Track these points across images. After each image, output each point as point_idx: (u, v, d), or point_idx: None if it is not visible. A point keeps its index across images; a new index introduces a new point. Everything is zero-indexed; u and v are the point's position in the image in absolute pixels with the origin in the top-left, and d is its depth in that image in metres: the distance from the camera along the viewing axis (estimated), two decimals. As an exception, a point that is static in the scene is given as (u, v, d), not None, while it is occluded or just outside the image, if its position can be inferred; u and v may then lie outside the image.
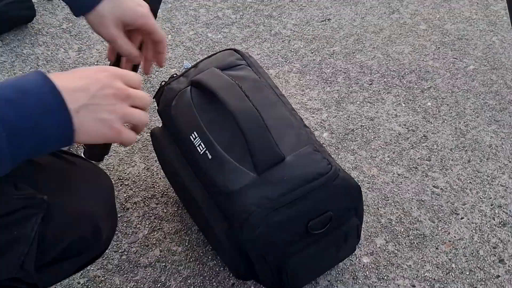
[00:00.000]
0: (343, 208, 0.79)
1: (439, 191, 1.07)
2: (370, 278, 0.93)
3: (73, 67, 1.27)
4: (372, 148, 1.15)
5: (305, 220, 0.75)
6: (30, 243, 0.56)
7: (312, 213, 0.76)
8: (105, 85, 0.52)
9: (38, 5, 1.42)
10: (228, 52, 0.90)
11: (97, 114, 0.51)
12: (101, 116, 0.51)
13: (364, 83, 1.30)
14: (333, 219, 0.77)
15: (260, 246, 0.75)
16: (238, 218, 0.73)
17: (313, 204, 0.75)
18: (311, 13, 1.51)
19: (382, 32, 1.46)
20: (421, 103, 1.26)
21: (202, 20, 1.46)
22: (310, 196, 0.74)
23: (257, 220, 0.72)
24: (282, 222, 0.73)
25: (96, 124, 0.51)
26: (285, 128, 0.79)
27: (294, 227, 0.75)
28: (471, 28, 1.49)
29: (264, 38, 1.41)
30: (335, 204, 0.77)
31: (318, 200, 0.75)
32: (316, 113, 1.22)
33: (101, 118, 0.51)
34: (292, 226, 0.75)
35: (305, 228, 0.76)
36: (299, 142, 0.78)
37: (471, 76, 1.34)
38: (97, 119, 0.51)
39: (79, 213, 0.62)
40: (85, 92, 0.50)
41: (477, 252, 0.97)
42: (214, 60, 0.88)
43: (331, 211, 0.77)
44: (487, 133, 1.19)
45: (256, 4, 1.53)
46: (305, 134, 0.79)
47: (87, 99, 0.50)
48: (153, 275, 0.91)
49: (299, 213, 0.74)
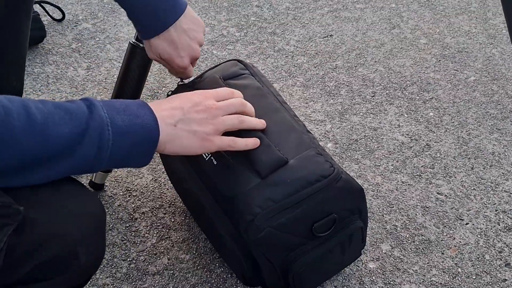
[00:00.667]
0: (347, 210, 0.80)
1: (444, 197, 1.08)
2: (376, 284, 0.93)
3: (82, 84, 1.31)
4: (376, 157, 1.16)
5: (309, 222, 0.77)
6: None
7: (316, 215, 0.77)
8: (197, 103, 0.66)
9: (48, 26, 1.47)
10: (231, 62, 0.93)
11: (191, 126, 0.64)
12: (195, 129, 0.64)
13: (367, 95, 1.33)
14: (337, 221, 0.78)
15: (266, 248, 0.76)
16: (244, 221, 0.75)
17: (317, 206, 0.76)
18: (314, 30, 1.55)
19: (383, 47, 1.49)
20: (423, 114, 1.28)
21: (207, 38, 1.49)
22: (314, 198, 0.75)
23: (262, 222, 0.73)
24: (287, 224, 0.75)
25: (190, 137, 0.63)
26: (288, 132, 0.81)
27: (299, 229, 0.77)
28: (471, 41, 1.52)
29: (268, 54, 1.45)
30: (338, 206, 0.78)
31: (321, 202, 0.76)
32: (320, 124, 1.24)
33: (195, 131, 0.64)
34: (297, 228, 0.76)
35: (310, 230, 0.77)
36: (301, 145, 0.79)
37: (472, 87, 1.36)
38: (191, 132, 0.64)
39: (55, 231, 0.58)
40: (180, 109, 0.64)
41: (483, 256, 0.98)
42: (218, 70, 0.91)
43: (335, 213, 0.78)
44: (489, 141, 1.21)
45: (259, 22, 1.57)
46: (308, 138, 0.81)
47: (182, 115, 0.63)
48: (161, 282, 0.92)
49: (304, 215, 0.76)
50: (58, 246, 0.58)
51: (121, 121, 0.58)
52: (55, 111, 0.55)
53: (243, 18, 1.58)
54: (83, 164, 0.57)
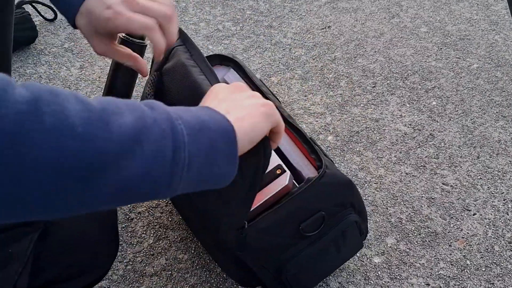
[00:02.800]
0: (337, 205, 0.76)
1: (449, 188, 1.04)
2: (382, 278, 0.90)
3: (75, 83, 1.28)
4: (378, 148, 1.13)
5: (295, 223, 0.73)
6: (25, 261, 0.55)
7: (302, 215, 0.73)
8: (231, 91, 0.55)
9: (40, 26, 1.44)
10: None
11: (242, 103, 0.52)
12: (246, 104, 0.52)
13: (367, 86, 1.29)
14: (326, 218, 0.74)
15: (254, 253, 0.72)
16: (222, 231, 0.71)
17: (301, 206, 0.72)
18: (311, 22, 1.51)
19: (383, 36, 1.46)
20: (426, 103, 1.24)
21: (203, 33, 1.46)
22: (296, 197, 0.71)
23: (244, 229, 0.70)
24: (271, 227, 0.71)
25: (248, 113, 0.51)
26: None
27: (285, 230, 0.73)
28: (473, 28, 1.48)
29: (265, 48, 1.41)
30: (326, 202, 0.74)
31: (305, 201, 0.72)
32: (320, 117, 1.21)
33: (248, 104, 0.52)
34: (282, 230, 0.72)
35: (297, 231, 0.73)
36: None
37: (475, 75, 1.32)
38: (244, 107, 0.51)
39: (78, 235, 0.61)
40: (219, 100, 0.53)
41: (492, 247, 0.94)
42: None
43: (322, 211, 0.74)
44: (495, 129, 1.17)
45: (255, 15, 1.54)
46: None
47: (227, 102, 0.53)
48: (159, 284, 0.89)
49: (288, 216, 0.72)
50: (81, 249, 0.61)
51: (190, 117, 0.46)
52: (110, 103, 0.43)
53: (239, 12, 1.55)
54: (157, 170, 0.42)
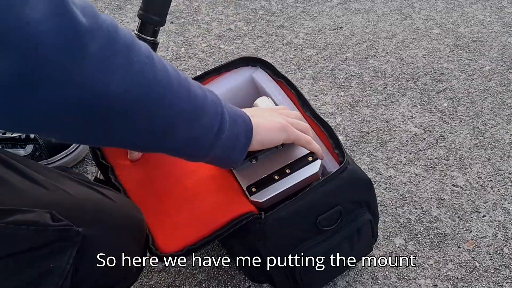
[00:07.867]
0: (354, 202, 0.76)
1: (459, 189, 1.04)
2: (390, 278, 0.90)
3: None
4: (388, 149, 1.13)
5: (313, 215, 0.73)
6: (64, 276, 0.56)
7: (321, 207, 0.73)
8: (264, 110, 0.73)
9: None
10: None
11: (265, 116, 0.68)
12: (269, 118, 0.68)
13: (378, 87, 1.29)
14: (343, 213, 0.74)
15: (270, 243, 0.73)
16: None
17: (321, 198, 0.72)
18: (323, 22, 1.51)
19: (395, 38, 1.45)
20: (437, 104, 1.24)
21: (215, 33, 1.47)
22: (318, 188, 0.72)
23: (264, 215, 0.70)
24: (290, 217, 0.71)
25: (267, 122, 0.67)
26: None
27: (303, 222, 0.73)
28: (486, 30, 1.48)
29: (276, 47, 1.42)
30: (344, 197, 0.74)
31: (325, 194, 0.72)
32: (330, 117, 1.21)
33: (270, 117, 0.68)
34: (301, 221, 0.73)
35: (314, 224, 0.73)
36: None
37: (487, 77, 1.31)
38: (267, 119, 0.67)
39: (112, 247, 0.62)
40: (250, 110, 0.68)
41: (501, 250, 0.94)
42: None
43: (340, 206, 0.74)
44: (506, 131, 1.16)
45: (267, 15, 1.54)
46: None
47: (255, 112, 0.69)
48: (168, 279, 0.90)
49: (307, 207, 0.72)
50: (115, 261, 0.62)
51: (231, 109, 0.62)
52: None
53: (251, 12, 1.56)
54: (203, 137, 0.58)
